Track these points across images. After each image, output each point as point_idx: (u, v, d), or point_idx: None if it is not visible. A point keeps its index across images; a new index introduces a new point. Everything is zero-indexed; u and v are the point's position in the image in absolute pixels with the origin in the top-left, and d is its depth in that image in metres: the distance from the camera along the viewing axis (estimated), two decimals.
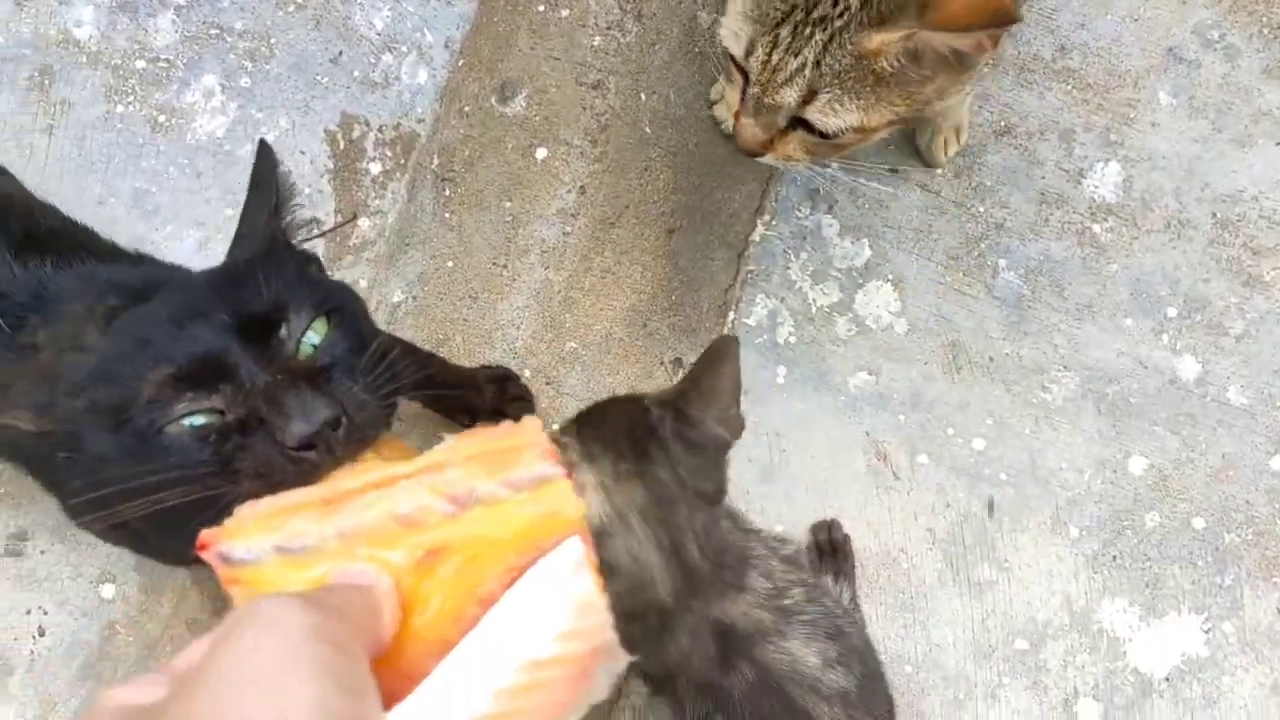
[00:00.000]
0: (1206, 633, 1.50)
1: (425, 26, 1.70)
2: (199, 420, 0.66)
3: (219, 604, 1.53)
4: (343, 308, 0.77)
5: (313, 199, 1.65)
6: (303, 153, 1.66)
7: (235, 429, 0.65)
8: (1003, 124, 1.64)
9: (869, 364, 1.58)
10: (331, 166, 1.66)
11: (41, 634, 1.50)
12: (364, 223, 1.64)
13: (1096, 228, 1.60)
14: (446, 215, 1.61)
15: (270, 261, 0.80)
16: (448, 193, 1.62)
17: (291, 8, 1.70)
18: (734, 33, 1.10)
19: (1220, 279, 1.58)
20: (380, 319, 1.60)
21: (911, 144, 1.62)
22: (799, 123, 1.14)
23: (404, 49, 1.69)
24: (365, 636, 0.48)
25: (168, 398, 0.66)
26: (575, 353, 1.58)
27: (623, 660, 0.57)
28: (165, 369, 0.67)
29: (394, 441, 0.74)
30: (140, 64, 1.68)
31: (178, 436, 0.66)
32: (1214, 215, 1.60)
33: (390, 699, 0.46)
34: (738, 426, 1.01)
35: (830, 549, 1.48)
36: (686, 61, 1.64)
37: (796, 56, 1.05)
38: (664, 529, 0.91)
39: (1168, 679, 1.49)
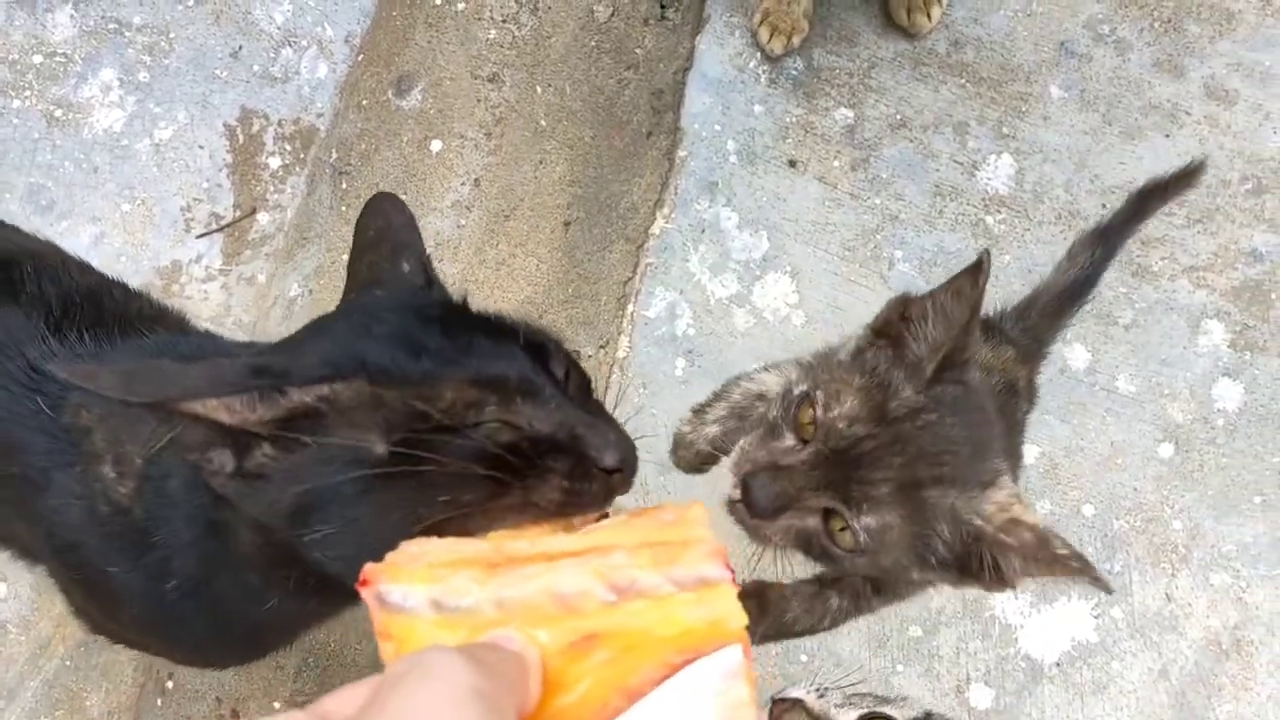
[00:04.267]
0: (1096, 619, 1.51)
1: (326, 20, 1.69)
2: (499, 428, 0.66)
3: None
4: (577, 362, 0.78)
5: (212, 194, 1.64)
6: (201, 147, 1.65)
7: (544, 443, 0.66)
8: (898, 117, 1.65)
9: (767, 355, 1.59)
10: (230, 161, 1.65)
11: None
12: (263, 217, 1.64)
13: (989, 219, 1.62)
14: (343, 209, 1.61)
15: (471, 309, 0.80)
16: (344, 186, 1.62)
17: (191, 2, 1.69)
18: None
19: (1110, 269, 1.60)
20: (277, 314, 1.60)
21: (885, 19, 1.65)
22: None
23: (304, 43, 1.69)
24: (516, 704, 0.48)
25: (473, 401, 0.66)
26: None
27: None
28: (461, 374, 0.66)
29: None
30: (37, 59, 1.67)
31: (482, 444, 0.64)
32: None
33: None
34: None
35: None
36: (582, 55, 1.65)
37: None
38: None
39: (1058, 664, 1.50)
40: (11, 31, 1.67)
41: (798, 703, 0.80)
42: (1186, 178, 1.27)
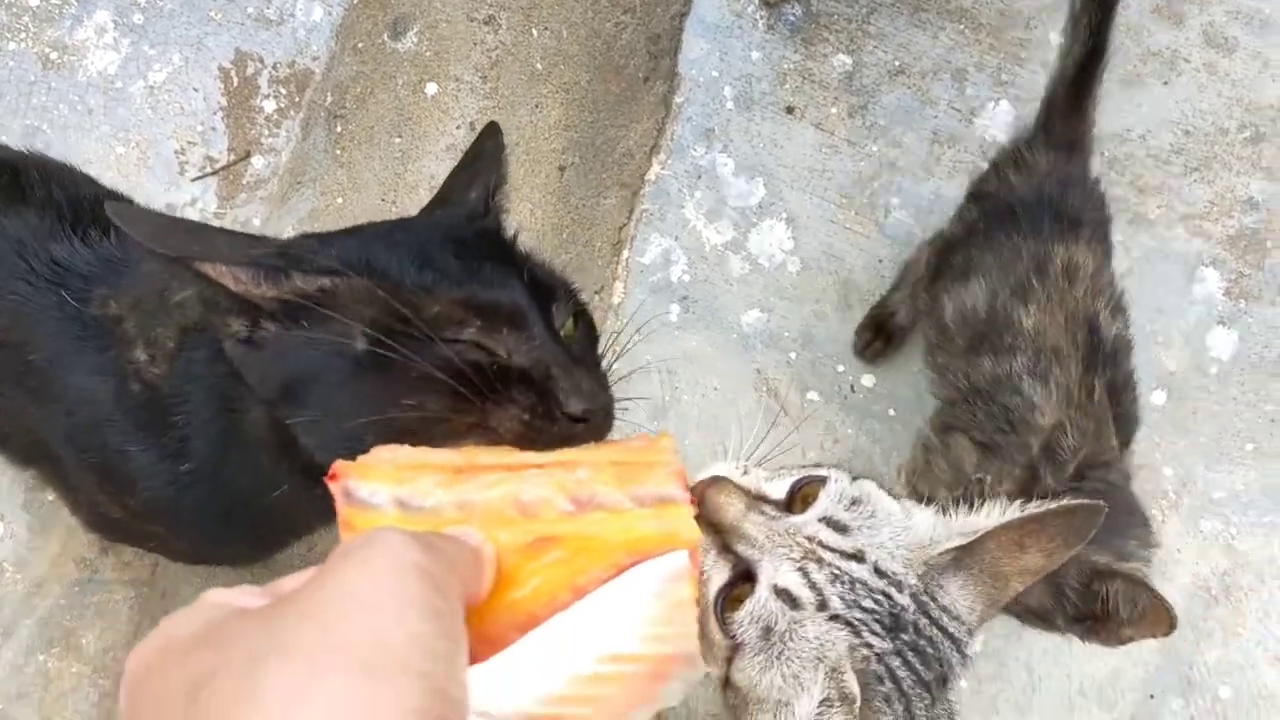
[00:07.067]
0: None
1: None
2: (476, 351, 0.68)
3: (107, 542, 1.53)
4: (587, 312, 0.79)
5: (206, 136, 1.63)
6: (195, 90, 1.64)
7: (516, 374, 0.67)
8: (896, 64, 1.65)
9: (762, 302, 1.59)
10: (225, 104, 1.64)
11: None
12: (257, 161, 1.63)
13: (987, 167, 1.61)
14: (338, 152, 1.60)
15: (505, 240, 0.81)
16: (339, 129, 1.61)
17: None
18: None
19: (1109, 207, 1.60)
20: None
21: None
22: None
23: None
24: (465, 589, 0.50)
25: (457, 319, 0.67)
26: None
27: (700, 670, 0.59)
28: (455, 293, 0.68)
29: None
30: (33, 1, 1.66)
31: (451, 356, 0.66)
32: (1102, 154, 1.61)
33: (469, 659, 0.48)
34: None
35: None
36: None
37: None
38: None
39: None
40: None
41: (722, 480, 0.73)
42: None
